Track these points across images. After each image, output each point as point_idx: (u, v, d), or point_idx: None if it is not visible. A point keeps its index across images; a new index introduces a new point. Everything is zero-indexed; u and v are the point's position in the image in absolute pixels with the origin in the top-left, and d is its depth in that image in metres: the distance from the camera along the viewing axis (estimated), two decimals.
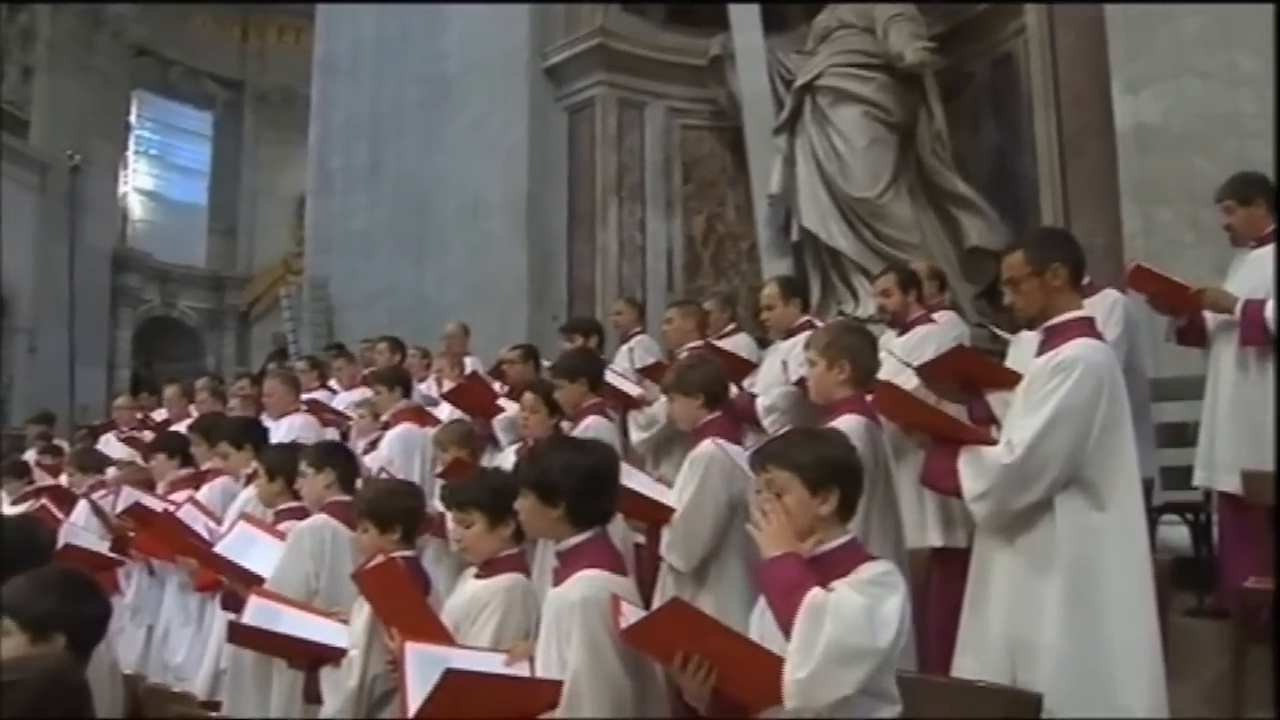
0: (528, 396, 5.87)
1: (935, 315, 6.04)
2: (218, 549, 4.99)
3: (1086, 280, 4.01)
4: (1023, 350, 3.96)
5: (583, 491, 3.22)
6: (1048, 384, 3.62)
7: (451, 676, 2.89)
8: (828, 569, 2.75)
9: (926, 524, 5.18)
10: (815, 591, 2.67)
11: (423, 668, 3.09)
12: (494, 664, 3.21)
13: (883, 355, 4.49)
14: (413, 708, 2.98)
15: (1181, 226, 7.01)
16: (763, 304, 6.32)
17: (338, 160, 13.98)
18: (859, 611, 2.63)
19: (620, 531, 4.29)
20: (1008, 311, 4.02)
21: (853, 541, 2.85)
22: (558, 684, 2.95)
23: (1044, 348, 3.76)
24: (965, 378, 4.28)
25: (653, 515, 4.41)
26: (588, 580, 3.10)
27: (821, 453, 2.87)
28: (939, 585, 4.65)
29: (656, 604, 3.94)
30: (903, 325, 5.90)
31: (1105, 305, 5.15)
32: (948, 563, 4.88)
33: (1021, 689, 3.53)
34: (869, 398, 4.18)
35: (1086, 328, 3.75)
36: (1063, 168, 8.81)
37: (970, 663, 3.68)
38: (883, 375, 4.31)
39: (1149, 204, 7.33)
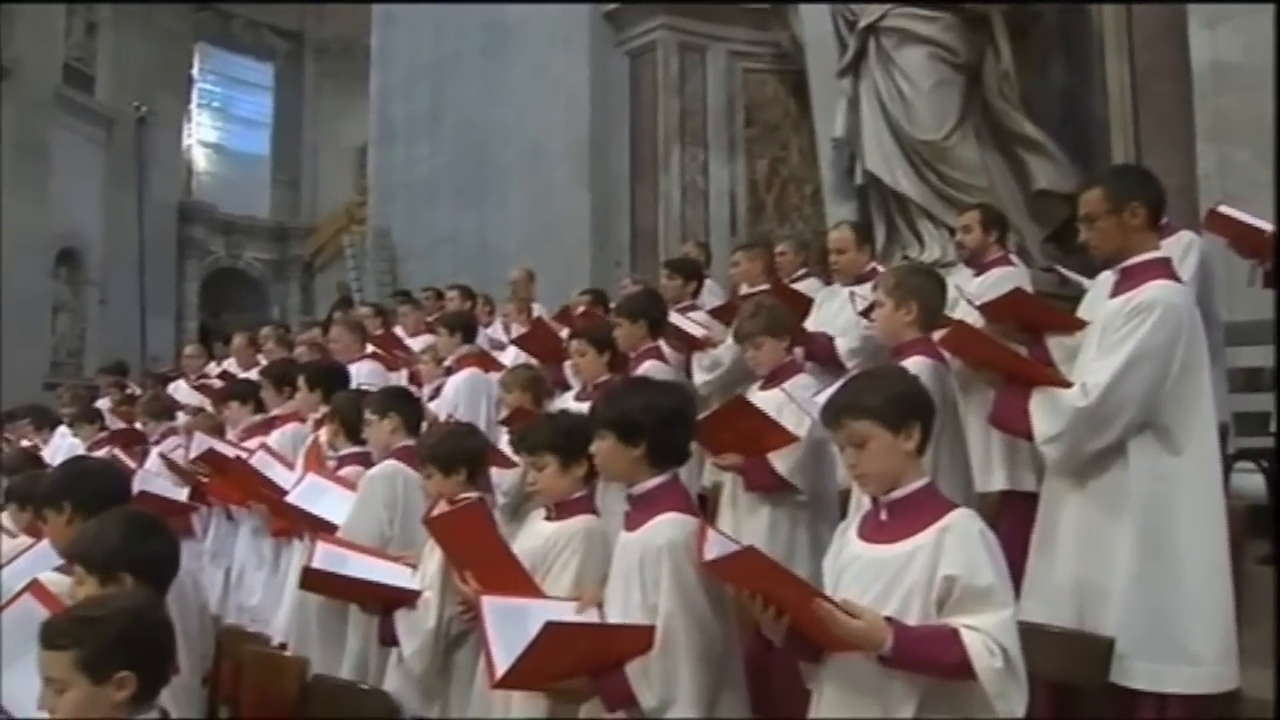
0: (575, 343, 5.85)
1: (1014, 257, 5.95)
2: (289, 498, 5.06)
3: (1164, 221, 3.93)
4: (1099, 293, 3.88)
5: (665, 431, 3.20)
6: (1125, 326, 3.56)
7: (551, 629, 2.87)
8: (908, 512, 2.72)
9: (993, 466, 5.14)
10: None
11: (502, 621, 3.11)
12: (566, 612, 3.20)
13: (953, 296, 4.46)
14: (499, 660, 2.97)
15: (1259, 166, 6.84)
16: (833, 247, 6.24)
17: (399, 109, 14.00)
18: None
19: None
20: (1079, 253, 3.96)
21: (931, 485, 2.80)
22: (649, 629, 2.95)
23: (1119, 289, 3.70)
24: (1025, 320, 4.24)
25: (772, 441, 4.50)
26: (670, 523, 3.08)
27: (892, 390, 2.80)
28: (1006, 529, 4.63)
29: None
30: (979, 265, 5.82)
31: (1180, 247, 5.05)
32: (1015, 506, 4.86)
33: (1090, 633, 3.52)
34: (936, 339, 4.16)
35: (1164, 269, 3.68)
36: (1135, 107, 8.62)
37: (1037, 606, 3.65)
38: (954, 316, 4.29)
39: (1225, 144, 7.16)
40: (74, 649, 2.45)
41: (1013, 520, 4.44)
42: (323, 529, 4.66)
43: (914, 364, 3.91)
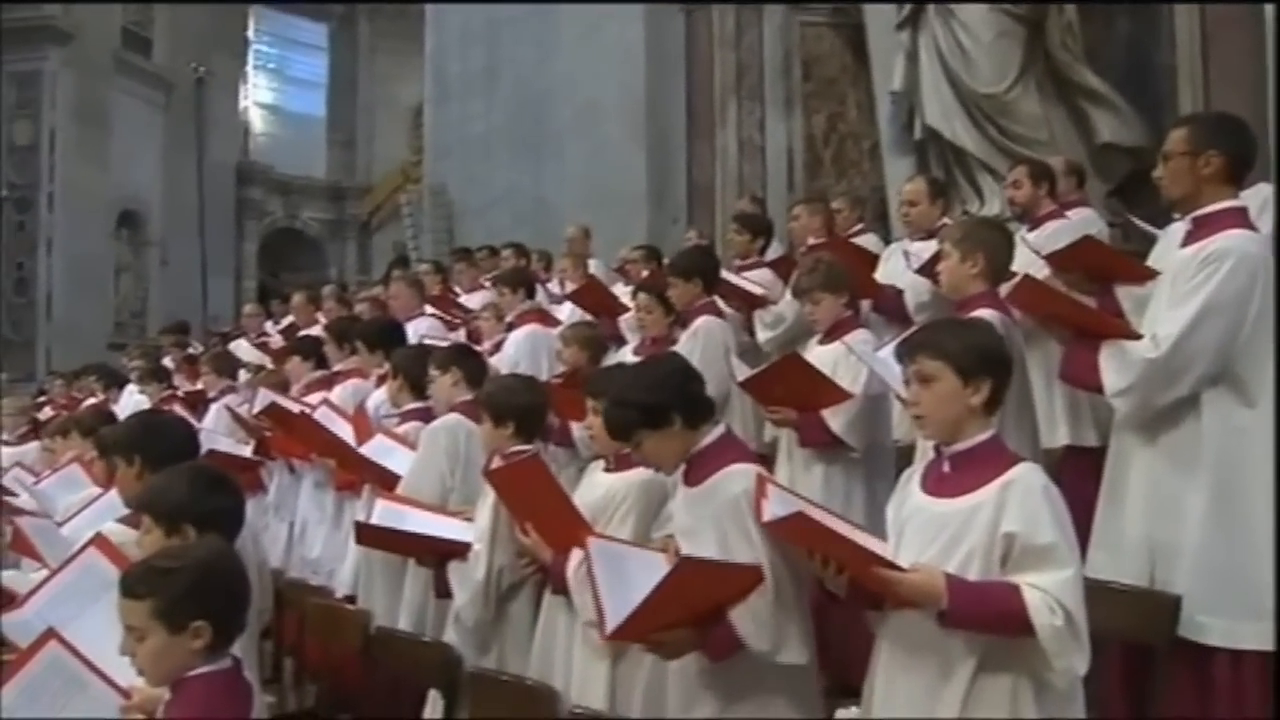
0: (642, 297, 5.87)
1: (1070, 212, 5.85)
2: (361, 449, 5.11)
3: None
4: (1169, 243, 3.80)
5: (685, 393, 3.20)
6: (1196, 276, 3.49)
7: (685, 565, 2.89)
8: (972, 465, 2.66)
9: (1055, 422, 5.08)
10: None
11: (608, 566, 3.11)
12: (659, 562, 3.18)
13: None
14: (610, 608, 2.96)
15: None
16: (905, 199, 6.16)
17: (454, 67, 13.98)
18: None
19: None
20: (1143, 207, 3.88)
21: (997, 438, 2.73)
22: (757, 568, 2.94)
23: (1191, 238, 3.63)
24: (1094, 270, 4.17)
25: (831, 398, 4.51)
26: (741, 474, 3.08)
27: (972, 340, 2.74)
28: (1069, 484, 4.58)
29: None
30: (1032, 220, 5.73)
31: (1257, 200, 4.92)
32: (1077, 461, 4.80)
33: (1159, 590, 3.48)
34: (1002, 292, 4.10)
35: (1239, 218, 3.59)
36: (1204, 58, 8.40)
37: (1105, 562, 3.61)
38: (1014, 267, 4.22)
39: None
40: (151, 598, 2.48)
41: (1075, 476, 4.38)
42: (390, 481, 4.70)
43: (980, 317, 3.85)
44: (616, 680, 3.48)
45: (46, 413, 11.29)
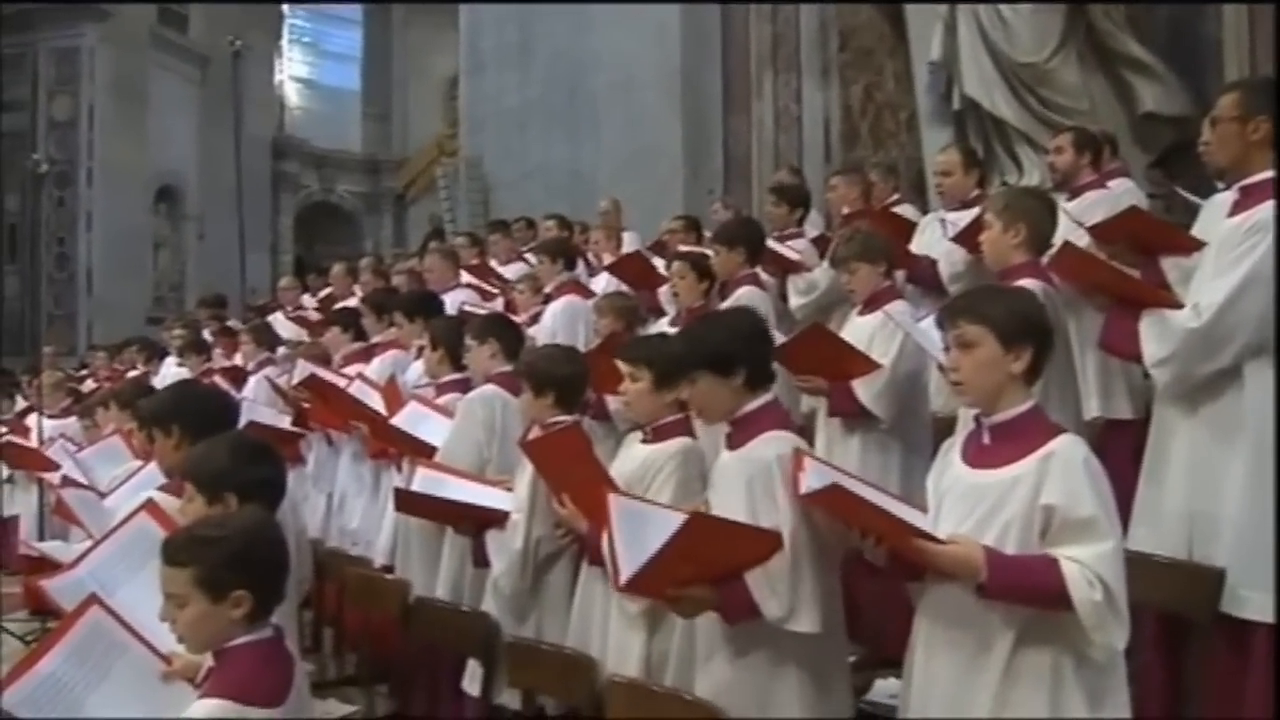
0: (676, 264, 5.84)
1: (1110, 182, 5.78)
2: (393, 421, 5.13)
3: None
4: (1214, 213, 3.74)
5: (757, 352, 3.19)
6: (1241, 245, 3.45)
7: (695, 519, 2.89)
8: (1012, 436, 2.64)
9: (1090, 394, 5.03)
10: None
11: (627, 523, 3.11)
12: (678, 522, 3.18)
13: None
14: (625, 560, 2.97)
15: None
16: (939, 170, 6.10)
17: (489, 40, 13.96)
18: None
19: None
20: (1186, 178, 3.82)
21: (1038, 409, 2.70)
22: (776, 534, 2.93)
23: (1237, 208, 3.57)
24: (1139, 241, 4.11)
25: (860, 368, 4.51)
26: (776, 439, 3.07)
27: (1015, 307, 2.71)
28: (1108, 457, 4.54)
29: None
30: (1072, 189, 5.66)
31: None
32: (1115, 434, 4.76)
33: (1201, 563, 3.44)
34: (1044, 262, 4.06)
35: None
36: (1250, 25, 8.27)
37: (1146, 535, 3.59)
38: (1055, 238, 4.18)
39: None
40: (193, 566, 2.50)
41: (1114, 448, 4.34)
42: (423, 452, 4.72)
43: (1022, 286, 3.81)
44: (652, 650, 3.48)
45: (88, 386, 11.40)
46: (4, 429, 9.30)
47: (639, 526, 3.06)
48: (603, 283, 7.47)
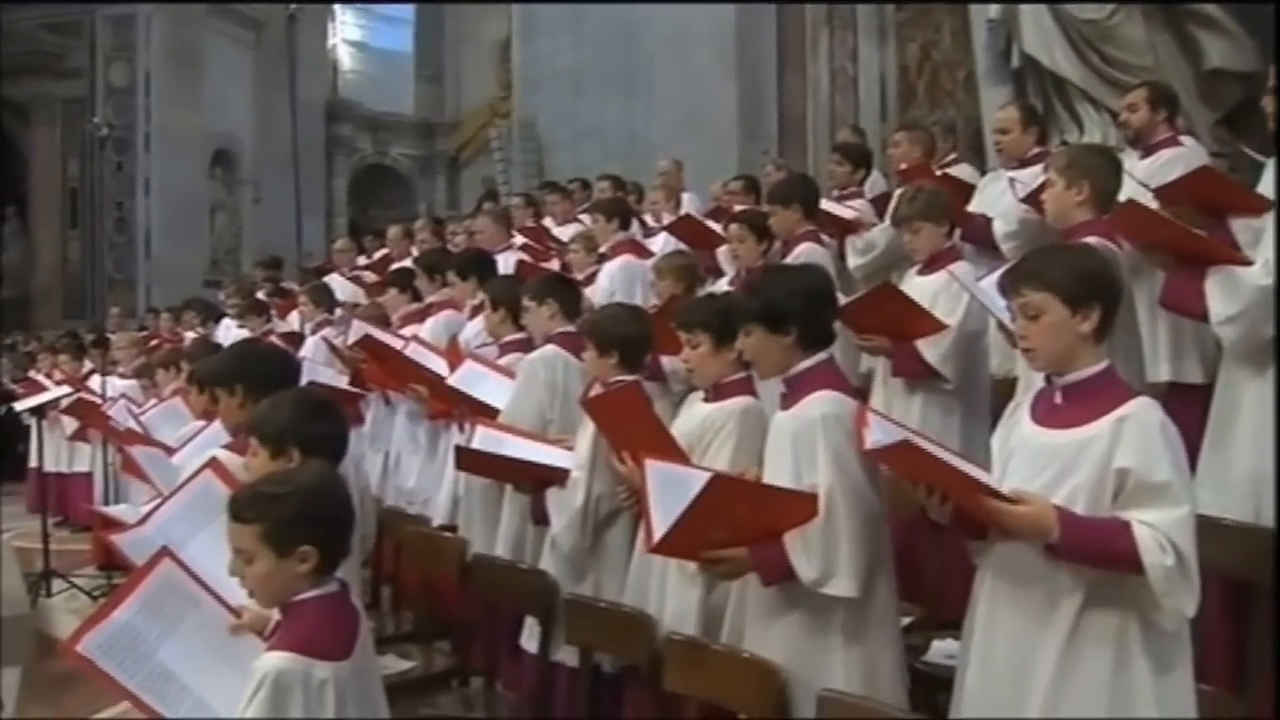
0: (734, 227, 5.80)
1: (1182, 138, 5.67)
2: (450, 381, 5.15)
3: None
4: None
5: (812, 312, 3.17)
6: None
7: (717, 480, 2.88)
8: (1085, 397, 2.58)
9: (1158, 357, 4.96)
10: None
11: (663, 485, 3.11)
12: None
13: None
14: (657, 523, 2.99)
15: None
16: (997, 128, 6.01)
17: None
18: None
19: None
20: (1252, 136, 3.74)
21: (1111, 370, 2.64)
22: (812, 497, 2.93)
23: None
24: (1208, 202, 4.03)
25: (926, 329, 4.48)
26: (824, 399, 3.06)
27: (1078, 266, 2.64)
28: (1174, 421, 4.48)
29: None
30: (1145, 147, 5.55)
31: None
32: (1181, 398, 4.69)
33: (1267, 526, 3.40)
34: (1108, 221, 3.99)
35: None
36: None
37: (1211, 498, 3.53)
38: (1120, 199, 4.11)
39: None
40: (259, 523, 2.53)
41: (1180, 413, 4.27)
42: (483, 413, 4.74)
43: (1083, 242, 3.75)
44: (709, 607, 3.49)
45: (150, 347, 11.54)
46: (71, 389, 9.44)
47: (671, 488, 3.06)
48: (660, 243, 7.45)
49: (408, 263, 8.51)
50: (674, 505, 2.94)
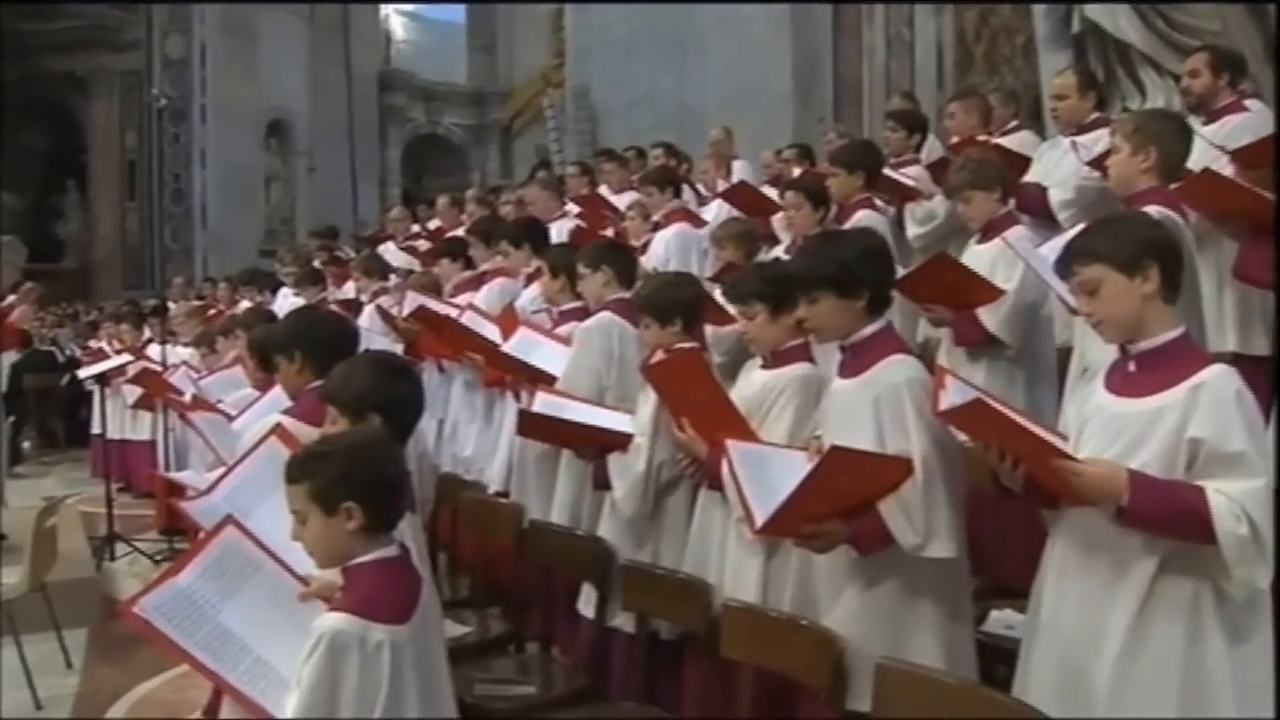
0: (790, 195, 5.75)
1: (1247, 103, 5.53)
2: (505, 348, 5.16)
3: None
4: None
5: (883, 275, 3.15)
6: None
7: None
8: (1159, 364, 2.52)
9: (1225, 327, 4.86)
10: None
11: (749, 466, 3.10)
12: (800, 461, 3.15)
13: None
14: (755, 504, 2.97)
15: None
16: (1054, 93, 5.91)
17: None
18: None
19: None
20: None
21: (1187, 336, 2.58)
22: (907, 460, 2.91)
23: None
24: None
25: (984, 296, 4.47)
26: (902, 363, 3.04)
27: (1125, 232, 2.59)
28: None
29: None
30: (1209, 112, 5.43)
31: None
32: (1248, 370, 4.59)
33: None
34: (1173, 189, 3.91)
35: None
36: None
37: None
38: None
39: None
40: (306, 481, 2.57)
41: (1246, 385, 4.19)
42: (539, 379, 4.74)
43: (1133, 210, 3.68)
44: (769, 575, 3.47)
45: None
46: (132, 358, 9.57)
47: (762, 468, 3.05)
48: (713, 210, 7.43)
49: (459, 232, 8.52)
50: (771, 485, 2.95)
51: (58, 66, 21.36)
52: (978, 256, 4.64)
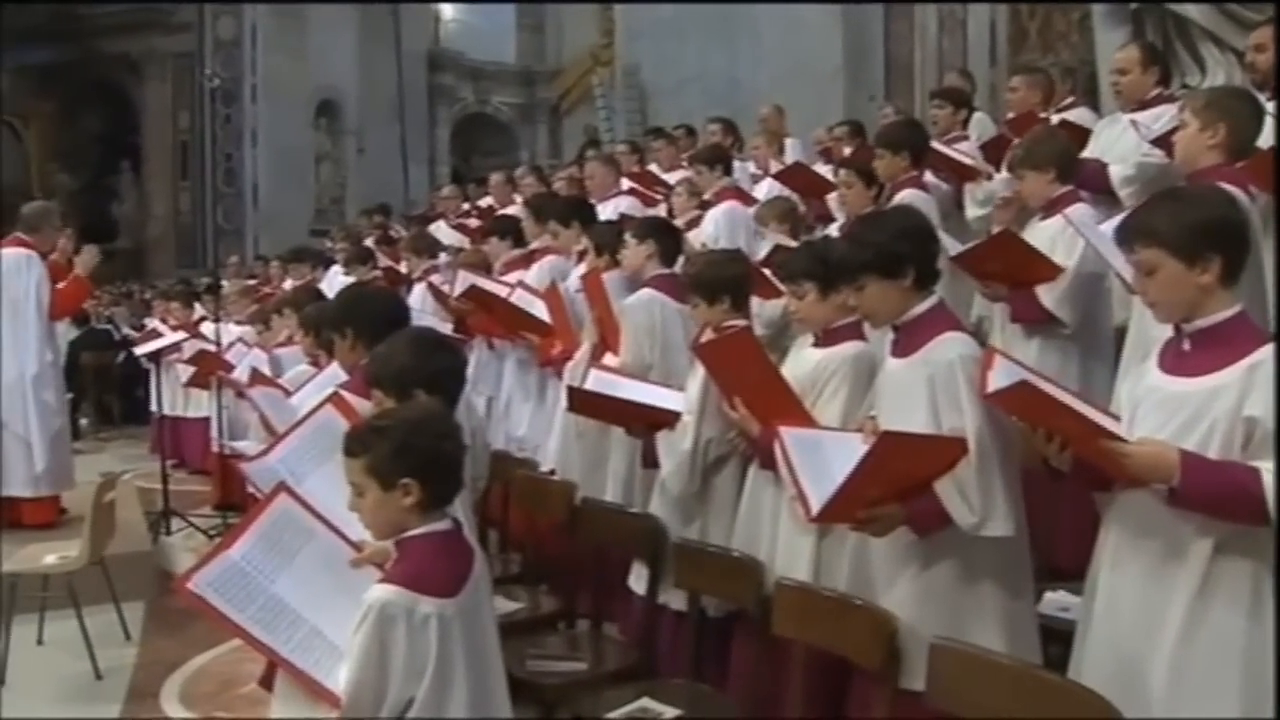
0: (843, 173, 5.75)
1: None
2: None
3: None
4: None
5: (925, 250, 3.11)
6: None
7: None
8: (1214, 343, 2.46)
9: None
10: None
11: (803, 452, 3.09)
12: (855, 444, 3.10)
13: None
14: (811, 490, 2.96)
15: None
16: (1115, 68, 5.80)
17: None
18: None
19: None
20: None
21: (1244, 315, 2.51)
22: (961, 440, 2.87)
23: None
24: None
25: (1044, 274, 4.43)
26: (956, 340, 3.01)
27: (1188, 217, 2.49)
28: None
29: None
30: (1274, 89, 5.32)
31: None
32: None
33: None
34: (1239, 167, 3.83)
35: None
36: None
37: None
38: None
39: None
40: (364, 456, 2.59)
41: None
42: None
43: (1200, 186, 3.60)
44: (821, 554, 3.47)
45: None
46: (187, 335, 9.68)
47: (816, 453, 3.03)
48: (765, 189, 7.39)
49: (511, 209, 8.53)
50: (826, 470, 2.93)
51: (112, 49, 21.61)
52: (1040, 233, 4.58)
